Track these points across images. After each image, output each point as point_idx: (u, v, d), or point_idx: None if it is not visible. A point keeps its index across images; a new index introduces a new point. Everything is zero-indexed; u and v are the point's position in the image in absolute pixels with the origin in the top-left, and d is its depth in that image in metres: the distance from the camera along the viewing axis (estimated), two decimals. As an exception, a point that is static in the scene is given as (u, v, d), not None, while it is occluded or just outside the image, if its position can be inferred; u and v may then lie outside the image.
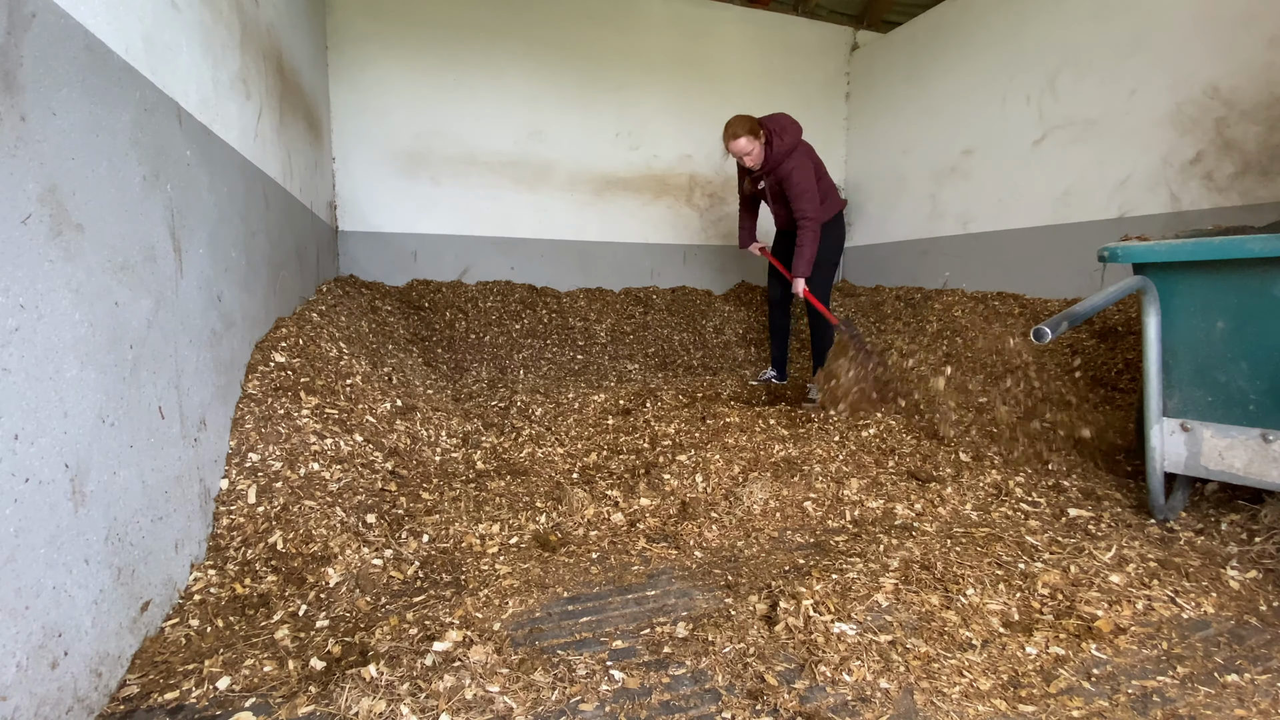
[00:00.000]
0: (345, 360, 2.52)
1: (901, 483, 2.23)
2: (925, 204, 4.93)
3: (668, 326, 4.81)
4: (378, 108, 4.40)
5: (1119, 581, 1.58)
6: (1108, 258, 1.86)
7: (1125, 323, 3.20)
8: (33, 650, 0.95)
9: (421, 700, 1.12)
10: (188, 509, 1.50)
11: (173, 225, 1.53)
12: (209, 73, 1.85)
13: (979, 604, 1.48)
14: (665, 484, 2.18)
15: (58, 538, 1.03)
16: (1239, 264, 1.67)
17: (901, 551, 1.72)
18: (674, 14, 5.13)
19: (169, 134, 1.54)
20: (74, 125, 1.14)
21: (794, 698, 1.18)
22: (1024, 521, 1.94)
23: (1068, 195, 3.87)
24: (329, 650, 1.30)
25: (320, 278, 3.52)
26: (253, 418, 1.88)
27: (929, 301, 4.57)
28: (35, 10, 1.04)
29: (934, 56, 4.80)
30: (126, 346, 1.27)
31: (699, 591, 1.61)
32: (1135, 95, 3.49)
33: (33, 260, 1.01)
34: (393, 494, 2.02)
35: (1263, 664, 1.31)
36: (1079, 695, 1.21)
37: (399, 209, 4.55)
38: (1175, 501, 1.97)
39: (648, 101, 5.09)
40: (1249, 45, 3.00)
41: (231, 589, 1.48)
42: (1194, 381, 1.81)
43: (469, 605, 1.47)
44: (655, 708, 1.17)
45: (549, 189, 4.94)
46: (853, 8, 5.47)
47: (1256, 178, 3.02)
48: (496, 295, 4.65)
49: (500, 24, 4.64)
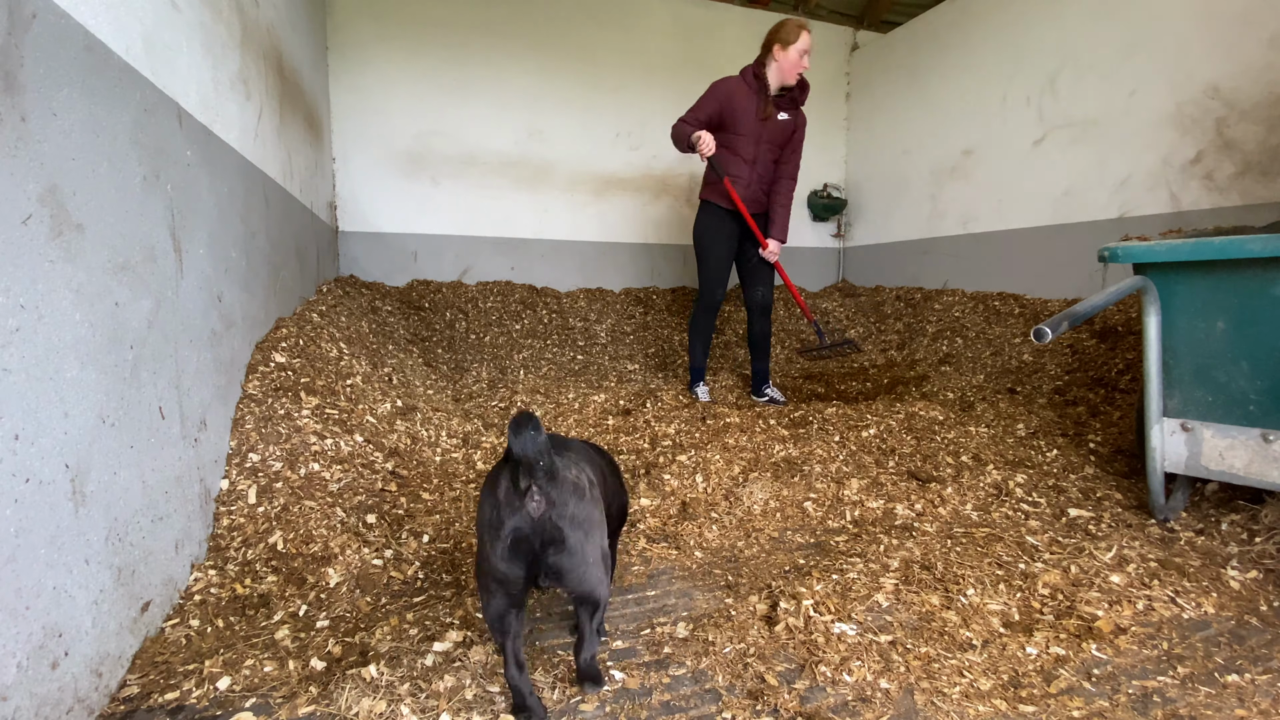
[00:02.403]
0: (345, 360, 2.52)
1: (902, 483, 2.23)
2: (925, 204, 4.93)
3: (668, 327, 4.81)
4: (378, 108, 4.40)
5: (1119, 581, 1.58)
6: (1108, 258, 1.86)
7: (1125, 323, 3.20)
8: (33, 650, 0.95)
9: (422, 700, 1.12)
10: (188, 509, 1.50)
11: (173, 225, 1.53)
12: (209, 73, 1.85)
13: (979, 604, 1.48)
14: (665, 484, 2.18)
15: (58, 538, 1.03)
16: (1239, 264, 1.67)
17: (902, 552, 1.72)
18: (674, 14, 5.13)
19: (169, 134, 1.54)
20: (74, 125, 1.14)
21: (794, 698, 1.18)
22: (1024, 521, 1.94)
23: (1068, 195, 3.87)
24: (329, 650, 1.30)
25: (320, 278, 3.52)
26: (253, 418, 1.88)
27: (929, 302, 4.58)
28: (35, 10, 1.04)
29: (934, 56, 4.80)
30: (127, 347, 1.27)
31: (699, 591, 1.61)
32: (1135, 95, 3.49)
33: (33, 260, 1.01)
34: (393, 494, 2.02)
35: (1263, 664, 1.30)
36: (1079, 695, 1.20)
37: (399, 209, 4.55)
38: (1175, 501, 1.97)
39: (648, 102, 5.09)
40: (1249, 45, 3.00)
41: (232, 589, 1.48)
42: (1194, 381, 1.81)
43: (469, 605, 1.47)
44: (655, 708, 1.17)
45: (549, 189, 4.94)
46: (853, 8, 5.48)
47: (1256, 178, 3.02)
48: (497, 295, 4.66)
49: (500, 24, 4.64)
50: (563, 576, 1.06)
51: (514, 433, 0.98)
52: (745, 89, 3.10)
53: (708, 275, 3.29)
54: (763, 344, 3.43)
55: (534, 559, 1.04)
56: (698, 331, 3.37)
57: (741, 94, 3.09)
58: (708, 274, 3.29)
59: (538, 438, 0.99)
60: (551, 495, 1.03)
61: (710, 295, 3.30)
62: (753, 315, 3.40)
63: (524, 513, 1.02)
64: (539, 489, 1.02)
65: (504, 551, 1.03)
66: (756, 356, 3.46)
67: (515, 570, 1.04)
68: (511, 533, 1.02)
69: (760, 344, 3.43)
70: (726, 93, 3.10)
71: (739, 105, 3.09)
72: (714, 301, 3.31)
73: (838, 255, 5.94)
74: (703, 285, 3.33)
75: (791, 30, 3.00)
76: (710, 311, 3.34)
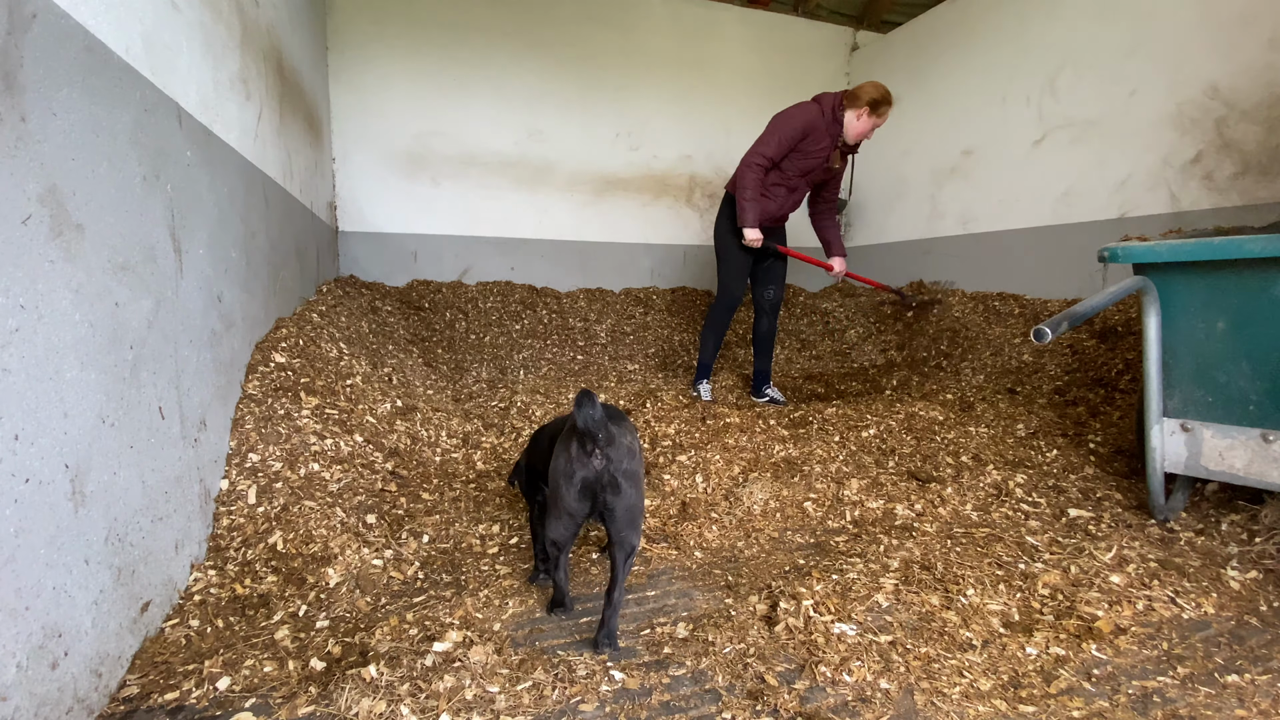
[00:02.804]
0: (345, 361, 2.52)
1: (902, 483, 2.23)
2: (925, 204, 4.93)
3: (668, 327, 4.81)
4: (378, 108, 4.40)
5: (1119, 582, 1.58)
6: (1108, 258, 1.86)
7: (1125, 323, 3.20)
8: (33, 650, 0.95)
9: (421, 701, 1.12)
10: (188, 509, 1.50)
11: (173, 225, 1.53)
12: (209, 73, 1.85)
13: (979, 604, 1.48)
14: (665, 484, 2.18)
15: (58, 538, 1.03)
16: (1239, 264, 1.67)
17: (902, 552, 1.72)
18: (674, 14, 5.13)
19: (169, 134, 1.54)
20: (74, 126, 1.14)
21: (794, 698, 1.18)
22: (1024, 522, 1.94)
23: (1068, 195, 3.87)
24: (329, 651, 1.30)
25: (320, 278, 3.52)
26: (253, 418, 1.88)
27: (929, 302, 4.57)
28: (36, 11, 1.04)
29: (934, 57, 4.80)
30: (126, 347, 1.27)
31: (699, 591, 1.61)
32: (1135, 95, 3.49)
33: (33, 260, 1.01)
34: (393, 494, 2.01)
35: (1263, 664, 1.30)
36: (1079, 696, 1.20)
37: (399, 209, 4.55)
38: (1175, 502, 1.97)
39: (648, 102, 5.09)
40: (1249, 45, 3.00)
41: (231, 589, 1.48)
42: (1194, 381, 1.81)
43: (469, 606, 1.47)
44: (655, 708, 1.17)
45: (549, 189, 4.94)
46: (853, 8, 5.47)
47: (1256, 178, 3.01)
48: (496, 296, 4.65)
49: (500, 24, 4.64)
50: (614, 513, 1.40)
51: (577, 408, 1.31)
52: (822, 130, 2.97)
53: (728, 274, 3.28)
54: (767, 343, 3.43)
55: (594, 499, 1.39)
56: (713, 328, 3.38)
57: (818, 133, 2.98)
58: (728, 273, 3.28)
59: (595, 413, 1.32)
60: (609, 454, 1.37)
61: (729, 294, 3.29)
62: (761, 313, 3.41)
63: (590, 466, 1.37)
64: (600, 450, 1.36)
65: (574, 493, 1.38)
66: (759, 355, 3.46)
67: (582, 507, 1.40)
68: (580, 480, 1.38)
69: (764, 342, 3.43)
70: (805, 128, 2.99)
71: (812, 144, 3.00)
72: (733, 300, 3.31)
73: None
74: (722, 284, 3.33)
75: (884, 105, 2.91)
76: (729, 310, 3.34)
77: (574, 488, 1.38)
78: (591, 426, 1.31)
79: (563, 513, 1.42)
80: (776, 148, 3.00)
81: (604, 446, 1.36)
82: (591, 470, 1.37)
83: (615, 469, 1.37)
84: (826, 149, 3.01)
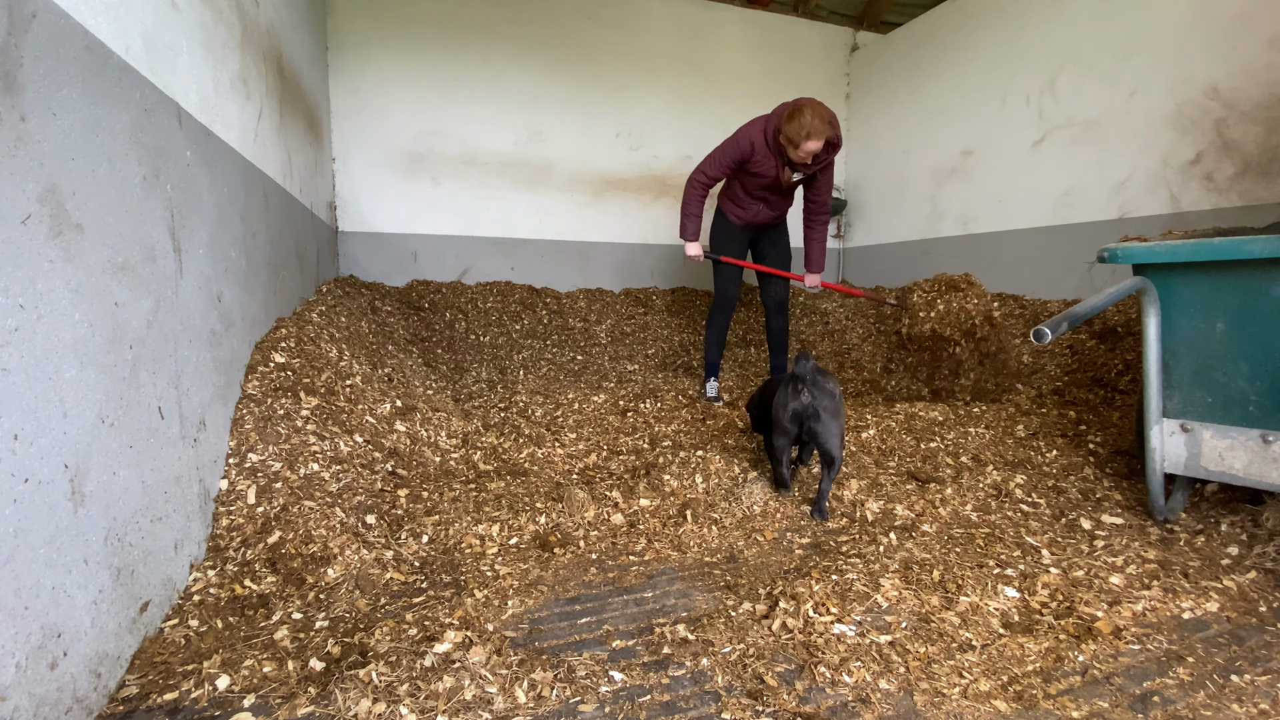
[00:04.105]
0: (345, 361, 2.52)
1: (901, 483, 2.23)
2: (925, 205, 4.93)
3: (668, 327, 4.81)
4: (378, 108, 4.40)
5: (1119, 582, 1.58)
6: (1108, 258, 1.86)
7: (1125, 323, 3.20)
8: (32, 650, 0.95)
9: (421, 701, 1.12)
10: (187, 509, 1.49)
11: (173, 225, 1.53)
12: (209, 73, 1.85)
13: (979, 604, 1.48)
14: (665, 484, 2.18)
15: (57, 538, 1.03)
16: (1239, 265, 1.67)
17: (901, 552, 1.72)
18: (674, 14, 5.13)
19: (169, 134, 1.54)
20: (74, 125, 1.14)
21: (794, 698, 1.18)
22: (1024, 522, 1.94)
23: (1068, 196, 3.88)
24: (328, 651, 1.30)
25: (320, 278, 3.52)
26: (252, 418, 1.88)
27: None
28: (35, 10, 1.04)
29: (934, 57, 4.81)
30: (126, 347, 1.27)
31: (699, 592, 1.61)
32: (1135, 96, 3.49)
33: (33, 260, 1.01)
34: (392, 494, 2.01)
35: (1263, 665, 1.30)
36: (1079, 695, 1.20)
37: (399, 209, 4.55)
38: (1175, 502, 1.97)
39: (648, 102, 5.09)
40: (1249, 45, 3.00)
41: (231, 589, 1.48)
42: (1194, 382, 1.81)
43: (468, 606, 1.47)
44: (655, 708, 1.17)
45: (549, 189, 4.94)
46: (852, 8, 5.48)
47: (1256, 178, 3.02)
48: (496, 296, 4.65)
49: (500, 24, 4.64)
50: (816, 436, 1.99)
51: (797, 363, 2.00)
52: (764, 150, 2.94)
53: (719, 276, 3.40)
54: (779, 339, 3.47)
55: (801, 424, 2.00)
56: (712, 327, 3.45)
57: (761, 154, 2.95)
58: (719, 275, 3.40)
59: (809, 364, 1.98)
60: (814, 393, 1.97)
61: (722, 294, 3.39)
62: (768, 312, 3.47)
63: (800, 400, 1.98)
64: (807, 390, 1.97)
65: (787, 418, 2.01)
66: (774, 351, 3.51)
67: (792, 429, 2.02)
68: (791, 410, 2.00)
69: (776, 339, 3.48)
70: (742, 154, 2.98)
71: (758, 164, 2.98)
72: (726, 299, 3.39)
73: (838, 256, 5.94)
74: (715, 286, 3.45)
75: (795, 133, 2.74)
76: (724, 309, 3.41)
77: (787, 414, 2.00)
78: (804, 372, 1.96)
79: (781, 432, 2.05)
80: (717, 168, 3.07)
81: (810, 388, 1.96)
82: (800, 403, 1.97)
83: (817, 404, 1.96)
84: (774, 167, 2.97)
